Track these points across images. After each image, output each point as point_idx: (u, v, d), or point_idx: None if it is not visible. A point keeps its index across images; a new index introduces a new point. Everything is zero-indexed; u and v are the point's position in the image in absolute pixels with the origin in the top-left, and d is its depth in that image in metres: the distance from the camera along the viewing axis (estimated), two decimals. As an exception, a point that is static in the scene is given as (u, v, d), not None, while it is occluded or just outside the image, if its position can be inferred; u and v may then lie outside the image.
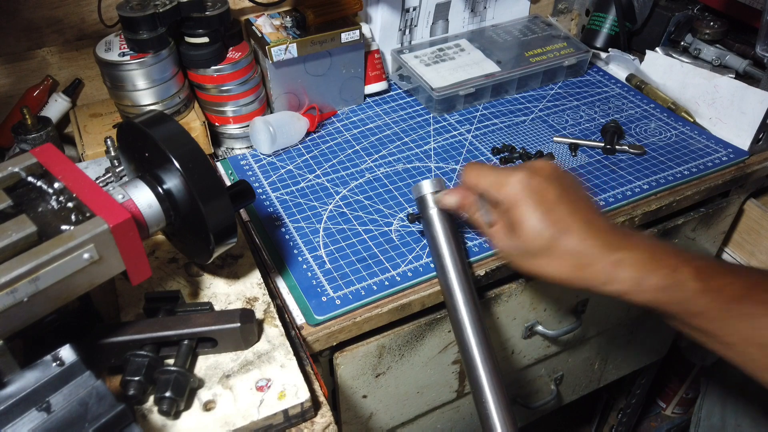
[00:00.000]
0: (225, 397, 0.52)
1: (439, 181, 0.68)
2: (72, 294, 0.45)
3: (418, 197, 0.68)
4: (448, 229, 0.66)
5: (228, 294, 0.62)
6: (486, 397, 0.59)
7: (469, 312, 0.63)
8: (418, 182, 0.68)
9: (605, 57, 1.05)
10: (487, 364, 0.60)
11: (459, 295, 0.63)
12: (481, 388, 0.60)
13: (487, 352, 0.61)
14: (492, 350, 0.62)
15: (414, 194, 0.69)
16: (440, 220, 0.67)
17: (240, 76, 0.83)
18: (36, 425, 0.40)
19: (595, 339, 0.97)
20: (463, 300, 0.63)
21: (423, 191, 0.68)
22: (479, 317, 0.63)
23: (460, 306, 0.63)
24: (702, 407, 0.97)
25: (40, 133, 0.78)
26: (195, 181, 0.52)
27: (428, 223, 0.67)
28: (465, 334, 0.62)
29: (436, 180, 0.68)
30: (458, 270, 0.64)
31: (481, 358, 0.61)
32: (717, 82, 0.88)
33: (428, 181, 0.68)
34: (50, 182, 0.49)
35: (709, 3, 1.05)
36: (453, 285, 0.64)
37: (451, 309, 0.64)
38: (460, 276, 0.64)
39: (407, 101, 0.97)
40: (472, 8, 1.04)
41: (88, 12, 0.82)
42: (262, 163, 0.85)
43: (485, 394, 0.60)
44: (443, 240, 0.66)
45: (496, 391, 0.59)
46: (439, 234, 0.66)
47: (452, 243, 0.66)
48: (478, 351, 0.61)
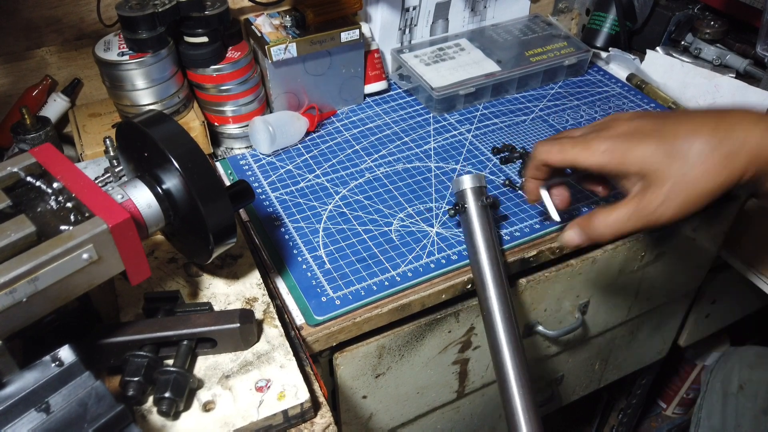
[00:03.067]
0: (224, 397, 0.52)
1: (479, 177, 0.70)
2: (71, 294, 0.45)
3: (458, 191, 0.70)
4: (487, 227, 0.68)
5: (227, 294, 0.62)
6: (513, 397, 0.60)
7: (502, 312, 0.63)
8: (460, 176, 0.70)
9: (606, 56, 1.04)
10: (518, 367, 0.61)
11: (493, 292, 0.64)
12: (509, 389, 0.61)
13: (519, 355, 0.62)
14: (523, 353, 0.63)
15: (453, 188, 0.71)
16: (479, 217, 0.68)
17: (239, 75, 0.83)
18: (35, 426, 0.39)
19: (596, 339, 0.97)
20: (497, 297, 0.64)
21: (463, 186, 0.69)
22: (512, 317, 0.64)
23: (494, 304, 0.64)
24: (702, 407, 0.97)
25: (39, 133, 0.78)
26: (194, 181, 0.51)
27: (467, 219, 0.69)
28: (497, 334, 0.63)
29: (477, 175, 0.69)
30: (494, 269, 0.65)
31: (511, 359, 0.62)
32: (717, 81, 0.88)
33: (469, 176, 0.69)
34: (49, 182, 0.48)
35: (709, 2, 1.05)
36: (488, 282, 0.65)
37: (485, 306, 0.65)
38: (495, 274, 0.65)
39: (407, 101, 0.97)
40: (472, 7, 1.04)
41: (87, 11, 0.82)
42: (262, 163, 0.85)
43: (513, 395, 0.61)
44: (481, 238, 0.67)
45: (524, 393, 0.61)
46: (477, 231, 0.67)
47: (491, 241, 0.67)
48: (509, 353, 0.62)
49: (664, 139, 0.52)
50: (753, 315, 1.24)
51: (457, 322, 0.74)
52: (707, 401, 0.97)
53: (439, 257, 0.71)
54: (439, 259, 0.70)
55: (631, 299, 0.93)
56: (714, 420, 0.94)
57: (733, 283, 1.06)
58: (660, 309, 1.02)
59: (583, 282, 0.82)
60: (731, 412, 0.93)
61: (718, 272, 1.03)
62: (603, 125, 0.58)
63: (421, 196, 0.79)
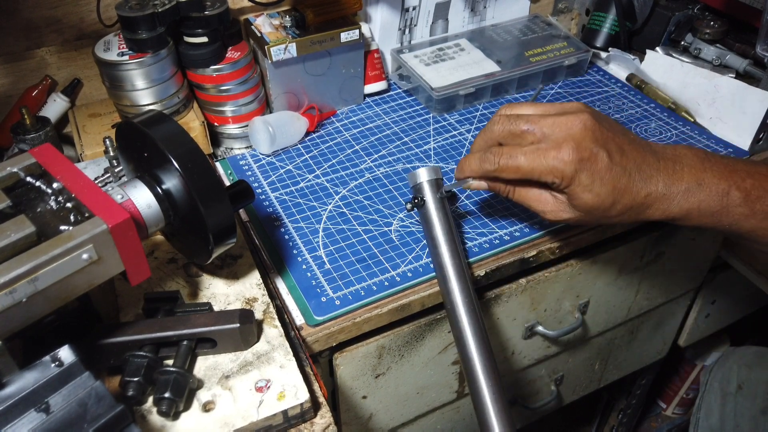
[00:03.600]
0: (224, 397, 0.52)
1: (436, 170, 0.68)
2: (71, 294, 0.45)
3: (415, 185, 0.68)
4: (446, 220, 0.66)
5: (227, 294, 0.62)
6: (484, 399, 0.59)
7: (466, 307, 0.62)
8: (415, 169, 0.67)
9: (605, 56, 1.04)
10: (485, 362, 0.60)
11: (456, 289, 0.63)
12: (479, 389, 0.60)
13: (484, 349, 0.61)
14: (489, 347, 0.61)
15: (410, 182, 0.69)
16: (438, 211, 0.67)
17: (239, 75, 0.83)
18: (35, 426, 0.39)
19: (596, 339, 0.97)
20: (460, 295, 0.63)
21: (419, 179, 0.67)
22: (476, 312, 0.63)
23: (457, 301, 0.63)
24: (701, 408, 0.97)
25: (38, 133, 0.78)
26: (194, 181, 0.51)
27: (425, 213, 0.67)
28: (462, 328, 0.62)
29: (433, 168, 0.67)
30: (456, 265, 0.64)
31: (478, 354, 0.60)
32: (717, 81, 0.88)
33: (425, 168, 0.68)
34: (49, 182, 0.48)
35: (709, 2, 1.05)
36: (450, 280, 0.64)
37: (448, 303, 0.64)
38: (458, 272, 0.64)
39: (407, 101, 0.97)
40: (472, 8, 1.04)
41: (87, 12, 0.82)
42: (262, 163, 0.85)
43: (483, 394, 0.59)
44: (441, 231, 0.66)
45: (494, 391, 0.59)
46: (436, 225, 0.66)
47: (450, 234, 0.65)
48: (475, 346, 0.61)
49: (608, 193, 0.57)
50: (753, 315, 1.24)
51: (456, 322, 0.74)
52: (706, 401, 0.97)
53: (438, 257, 0.71)
54: (439, 259, 0.70)
55: (631, 299, 0.93)
56: (713, 420, 0.94)
57: (733, 283, 1.06)
58: (660, 309, 1.02)
59: (583, 282, 0.82)
60: (730, 412, 0.93)
61: (718, 272, 1.03)
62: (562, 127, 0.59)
63: (421, 196, 0.79)
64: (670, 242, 0.87)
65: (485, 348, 0.61)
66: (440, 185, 0.68)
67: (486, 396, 0.59)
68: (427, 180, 0.68)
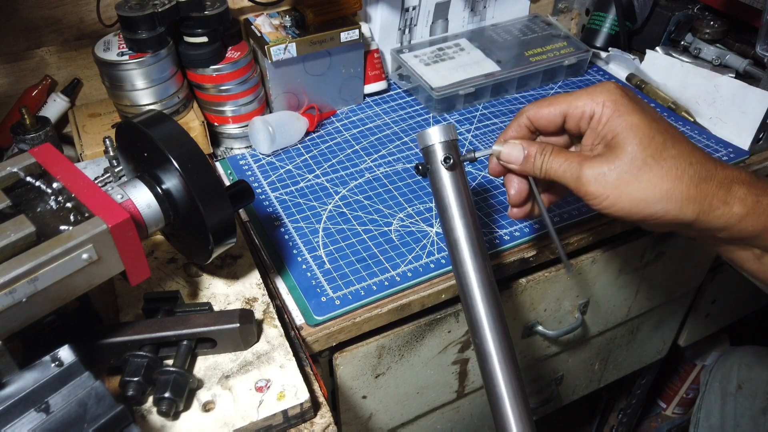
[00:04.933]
0: (224, 397, 0.52)
1: (450, 128, 0.57)
2: (71, 294, 0.45)
3: (424, 147, 0.57)
4: (460, 189, 0.57)
5: (227, 294, 0.62)
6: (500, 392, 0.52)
7: (481, 285, 0.54)
8: (424, 129, 0.56)
9: (605, 56, 1.04)
10: (504, 353, 0.53)
11: (469, 261, 0.55)
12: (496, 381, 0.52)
13: (503, 338, 0.53)
14: (508, 335, 0.54)
15: (419, 143, 0.58)
16: (451, 178, 0.56)
17: (239, 75, 0.83)
18: (35, 426, 0.39)
19: (596, 339, 0.97)
20: (474, 269, 0.55)
21: (431, 140, 0.56)
22: (493, 289, 0.55)
23: (470, 277, 0.55)
24: (701, 407, 0.97)
25: (38, 133, 0.78)
26: (194, 181, 0.51)
27: (436, 180, 0.57)
28: (477, 313, 0.54)
29: (448, 126, 0.56)
30: (471, 239, 0.55)
31: (495, 343, 0.53)
32: (717, 81, 0.88)
33: (438, 127, 0.56)
34: (49, 182, 0.48)
35: (709, 2, 1.05)
36: (465, 261, 0.55)
37: (461, 280, 0.56)
38: (473, 246, 0.55)
39: (407, 101, 0.97)
40: (471, 7, 1.04)
41: (86, 12, 0.82)
42: (262, 163, 0.85)
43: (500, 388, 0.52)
44: (454, 200, 0.56)
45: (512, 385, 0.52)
46: (448, 194, 0.56)
47: (464, 203, 0.56)
48: (492, 336, 0.53)
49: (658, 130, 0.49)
50: (753, 315, 1.24)
51: (456, 322, 0.74)
52: (706, 401, 0.97)
53: (438, 257, 0.71)
54: (439, 259, 0.70)
55: (631, 299, 0.93)
56: (713, 420, 0.95)
57: (733, 283, 1.06)
58: (660, 309, 1.02)
59: (583, 282, 0.82)
60: (730, 411, 0.93)
61: (718, 272, 1.03)
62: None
63: (421, 196, 0.79)
64: (670, 242, 0.87)
65: (504, 336, 0.54)
66: (455, 147, 0.57)
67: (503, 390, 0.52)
68: (439, 142, 0.56)
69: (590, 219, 0.76)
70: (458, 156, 0.57)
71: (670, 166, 0.47)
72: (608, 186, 0.49)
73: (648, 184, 0.48)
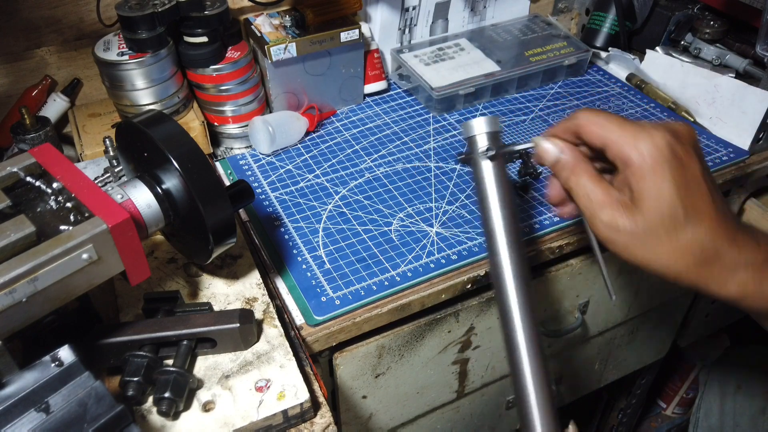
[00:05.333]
0: (224, 397, 0.52)
1: (494, 120, 0.58)
2: (71, 294, 0.45)
3: (469, 137, 0.59)
4: (499, 182, 0.57)
5: (227, 294, 0.62)
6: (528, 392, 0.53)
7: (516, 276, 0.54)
8: (469, 120, 0.58)
9: (605, 56, 1.04)
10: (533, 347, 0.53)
11: (506, 259, 0.55)
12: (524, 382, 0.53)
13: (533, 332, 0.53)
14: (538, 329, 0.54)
15: (464, 133, 0.60)
16: (491, 169, 0.57)
17: (239, 75, 0.83)
18: (35, 426, 0.39)
19: (596, 339, 0.97)
20: (510, 266, 0.55)
21: (474, 131, 0.58)
22: (527, 280, 0.55)
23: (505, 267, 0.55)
24: (700, 407, 0.97)
25: (38, 133, 0.78)
26: (194, 181, 0.51)
27: (476, 170, 0.58)
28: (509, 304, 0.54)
29: (492, 118, 0.58)
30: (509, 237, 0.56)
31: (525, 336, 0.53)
32: (717, 81, 0.88)
33: (482, 118, 0.58)
34: (49, 182, 0.48)
35: (709, 2, 1.05)
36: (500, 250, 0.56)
37: (496, 270, 0.56)
38: (511, 244, 0.56)
39: (407, 101, 0.97)
40: (471, 7, 1.04)
41: (86, 12, 0.82)
42: (262, 163, 0.85)
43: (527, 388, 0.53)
44: (493, 193, 0.56)
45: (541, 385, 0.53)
46: (488, 185, 0.57)
47: (504, 199, 0.57)
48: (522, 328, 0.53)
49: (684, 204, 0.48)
50: (753, 315, 1.24)
51: (456, 322, 0.74)
52: (705, 401, 0.97)
53: (438, 257, 0.71)
54: (439, 259, 0.70)
55: (631, 299, 0.93)
56: (712, 420, 0.95)
57: (733, 283, 1.06)
58: (660, 309, 1.02)
59: (582, 282, 0.82)
60: (729, 411, 0.93)
61: (717, 272, 1.03)
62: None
63: (421, 196, 0.79)
64: None
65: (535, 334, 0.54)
66: (497, 139, 0.59)
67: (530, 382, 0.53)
68: (484, 132, 0.58)
69: (590, 219, 0.76)
70: (499, 147, 0.58)
71: (678, 247, 0.48)
72: (618, 240, 0.50)
73: (652, 253, 0.50)
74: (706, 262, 0.48)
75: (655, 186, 0.47)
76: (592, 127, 0.52)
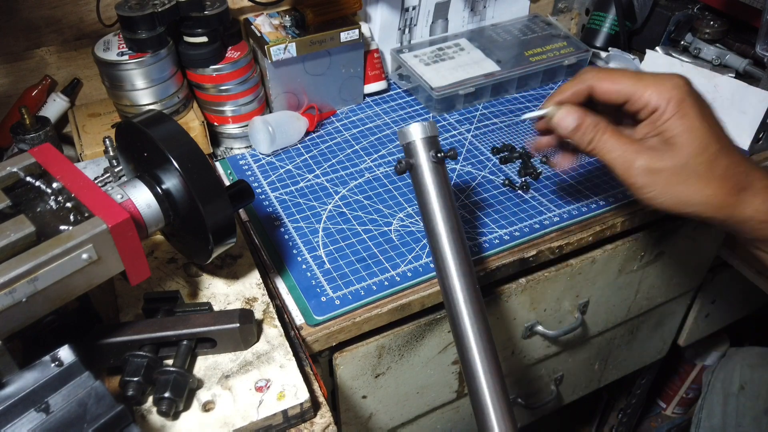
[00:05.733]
0: (224, 397, 0.52)
1: (432, 126, 0.57)
2: (71, 294, 0.45)
3: (406, 144, 0.57)
4: (442, 187, 0.57)
5: (227, 294, 0.62)
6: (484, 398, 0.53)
7: (464, 285, 0.54)
8: (406, 126, 0.57)
9: (605, 56, 1.04)
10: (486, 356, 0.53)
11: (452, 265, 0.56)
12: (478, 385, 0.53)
13: (486, 342, 0.54)
14: (491, 340, 0.55)
15: (401, 140, 0.58)
16: (433, 174, 0.56)
17: (239, 75, 0.83)
18: (35, 426, 0.39)
19: (596, 339, 0.97)
20: (457, 273, 0.55)
21: (412, 137, 0.57)
22: (475, 291, 0.55)
23: (453, 279, 0.55)
24: (703, 408, 0.97)
25: (38, 133, 0.78)
26: (194, 181, 0.51)
27: (417, 179, 0.57)
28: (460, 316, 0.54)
29: (430, 124, 0.57)
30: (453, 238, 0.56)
31: (478, 348, 0.54)
32: (717, 81, 0.88)
33: (419, 124, 0.57)
34: (49, 182, 0.48)
35: (709, 2, 1.05)
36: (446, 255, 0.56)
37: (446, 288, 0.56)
38: (456, 247, 0.56)
39: (407, 101, 0.97)
40: (471, 7, 1.04)
41: (86, 11, 0.82)
42: (261, 163, 0.85)
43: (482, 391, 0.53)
44: (435, 197, 0.56)
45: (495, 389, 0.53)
46: (430, 192, 0.57)
47: (447, 201, 0.56)
48: (474, 339, 0.53)
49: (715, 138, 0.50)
50: (753, 315, 1.24)
51: (456, 322, 0.74)
52: (708, 401, 0.97)
53: (438, 257, 0.71)
54: (439, 259, 0.70)
55: (631, 299, 0.93)
56: (715, 420, 0.94)
57: (733, 283, 1.06)
58: (660, 309, 1.02)
59: (582, 282, 0.82)
60: (732, 412, 0.93)
61: (718, 272, 1.03)
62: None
63: (421, 196, 0.79)
64: (670, 242, 0.87)
65: (487, 341, 0.54)
66: (436, 144, 0.58)
67: (486, 395, 0.53)
68: (420, 138, 0.57)
69: (590, 219, 0.76)
70: (440, 151, 0.58)
71: (717, 176, 0.50)
72: (657, 182, 0.51)
73: (694, 188, 0.50)
74: (741, 187, 0.49)
75: (687, 122, 0.49)
76: (607, 84, 0.53)
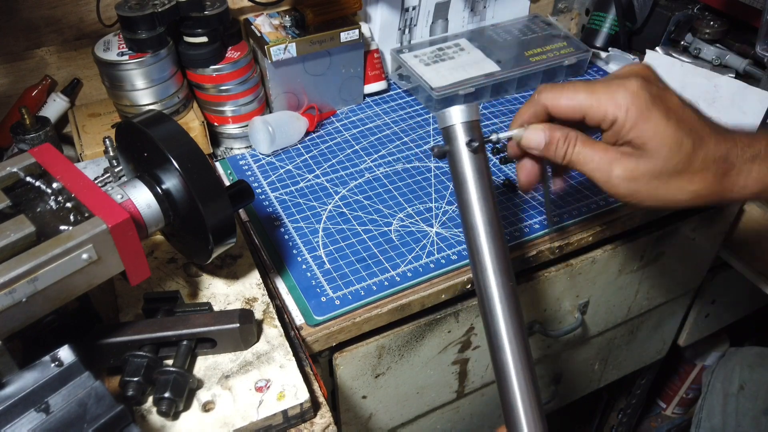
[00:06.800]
0: (224, 397, 0.52)
1: (473, 108, 0.54)
2: (71, 294, 0.45)
3: (445, 128, 0.54)
4: (482, 172, 0.54)
5: (227, 294, 0.62)
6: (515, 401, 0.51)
7: (500, 283, 0.52)
8: (445, 109, 0.53)
9: (605, 56, 1.04)
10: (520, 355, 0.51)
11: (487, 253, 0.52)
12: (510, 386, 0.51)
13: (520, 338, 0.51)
14: (526, 339, 0.52)
15: (439, 123, 0.55)
16: (472, 161, 0.53)
17: (239, 75, 0.83)
18: (35, 426, 0.39)
19: (596, 339, 0.97)
20: (492, 260, 0.52)
21: (452, 120, 0.53)
22: (511, 282, 0.52)
23: (487, 268, 0.52)
24: (703, 408, 0.97)
25: (38, 133, 0.78)
26: (194, 181, 0.51)
27: (456, 163, 0.54)
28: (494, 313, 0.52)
29: (471, 106, 0.53)
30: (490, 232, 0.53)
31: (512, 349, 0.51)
32: (717, 81, 0.88)
33: (460, 107, 0.53)
34: (49, 182, 0.48)
35: (709, 2, 1.05)
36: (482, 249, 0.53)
37: (478, 271, 0.53)
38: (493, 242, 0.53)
39: (407, 101, 0.97)
40: (471, 7, 1.04)
41: (86, 11, 0.82)
42: (261, 163, 0.85)
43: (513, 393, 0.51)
44: (473, 187, 0.53)
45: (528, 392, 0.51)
46: (468, 177, 0.53)
47: (486, 192, 0.53)
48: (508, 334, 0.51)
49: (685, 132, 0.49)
50: (753, 315, 1.24)
51: (456, 322, 0.74)
52: (708, 401, 0.97)
53: (438, 257, 0.71)
54: (439, 259, 0.70)
55: (631, 299, 0.93)
56: (714, 420, 0.94)
57: (733, 283, 1.06)
58: (659, 309, 1.02)
59: (582, 282, 0.82)
60: (732, 412, 0.93)
61: (717, 272, 1.03)
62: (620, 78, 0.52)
63: (421, 196, 0.79)
64: (670, 242, 0.87)
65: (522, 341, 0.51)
66: (477, 130, 0.54)
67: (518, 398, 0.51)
68: (461, 122, 0.53)
69: (590, 219, 0.76)
70: (482, 137, 0.54)
71: (697, 170, 0.49)
72: (640, 188, 0.50)
73: (677, 187, 0.50)
74: (724, 173, 0.49)
75: (652, 127, 0.49)
76: (562, 101, 0.52)
